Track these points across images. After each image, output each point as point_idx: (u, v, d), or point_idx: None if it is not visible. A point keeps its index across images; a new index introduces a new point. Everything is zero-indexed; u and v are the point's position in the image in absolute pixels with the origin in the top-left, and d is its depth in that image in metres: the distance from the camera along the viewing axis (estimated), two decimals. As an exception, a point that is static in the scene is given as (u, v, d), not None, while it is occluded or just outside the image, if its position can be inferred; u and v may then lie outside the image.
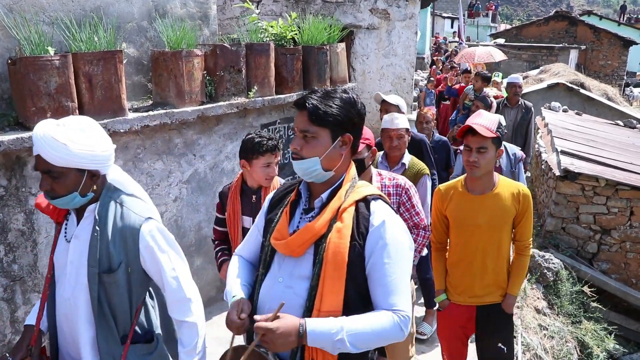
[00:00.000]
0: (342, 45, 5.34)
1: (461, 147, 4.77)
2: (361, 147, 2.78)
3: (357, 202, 1.78)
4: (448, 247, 3.13)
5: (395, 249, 1.72)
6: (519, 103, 6.78)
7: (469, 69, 11.27)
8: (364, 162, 2.96)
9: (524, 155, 4.39)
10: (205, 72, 4.03)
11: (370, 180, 3.06)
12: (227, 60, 4.11)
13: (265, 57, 4.40)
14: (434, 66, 15.54)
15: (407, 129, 3.66)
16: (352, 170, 1.86)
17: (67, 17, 3.34)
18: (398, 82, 8.59)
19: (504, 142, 4.37)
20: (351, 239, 1.71)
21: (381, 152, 3.78)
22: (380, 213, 1.76)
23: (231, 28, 7.99)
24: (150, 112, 3.63)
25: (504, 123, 4.41)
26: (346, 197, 1.77)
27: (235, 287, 1.87)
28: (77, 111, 3.11)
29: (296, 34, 4.85)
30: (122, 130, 3.39)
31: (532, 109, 6.85)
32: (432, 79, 12.14)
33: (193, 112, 3.86)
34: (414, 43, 8.52)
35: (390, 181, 3.14)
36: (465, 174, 2.97)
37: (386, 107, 4.70)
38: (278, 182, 3.00)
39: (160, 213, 2.35)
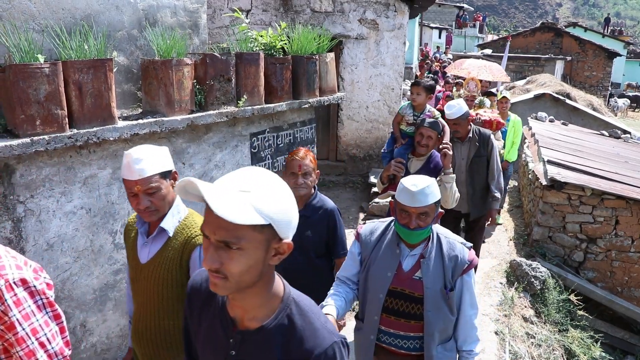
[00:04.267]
0: (331, 55, 5.38)
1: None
2: None
3: None
4: None
5: None
6: (469, 135, 4.98)
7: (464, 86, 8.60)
8: None
9: (476, 260, 2.59)
10: (195, 81, 4.03)
11: None
12: (217, 69, 4.12)
13: (254, 66, 4.41)
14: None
15: (163, 174, 2.18)
16: None
17: (57, 25, 3.33)
18: (386, 91, 8.66)
19: (435, 228, 2.57)
20: None
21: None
22: None
23: (221, 37, 8.02)
24: (140, 121, 3.62)
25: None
26: None
27: None
28: (66, 119, 3.10)
29: (286, 43, 4.88)
30: (111, 139, 3.39)
31: (492, 138, 5.04)
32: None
33: (182, 121, 3.86)
34: (402, 53, 8.60)
35: None
36: None
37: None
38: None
39: (150, 221, 2.35)
